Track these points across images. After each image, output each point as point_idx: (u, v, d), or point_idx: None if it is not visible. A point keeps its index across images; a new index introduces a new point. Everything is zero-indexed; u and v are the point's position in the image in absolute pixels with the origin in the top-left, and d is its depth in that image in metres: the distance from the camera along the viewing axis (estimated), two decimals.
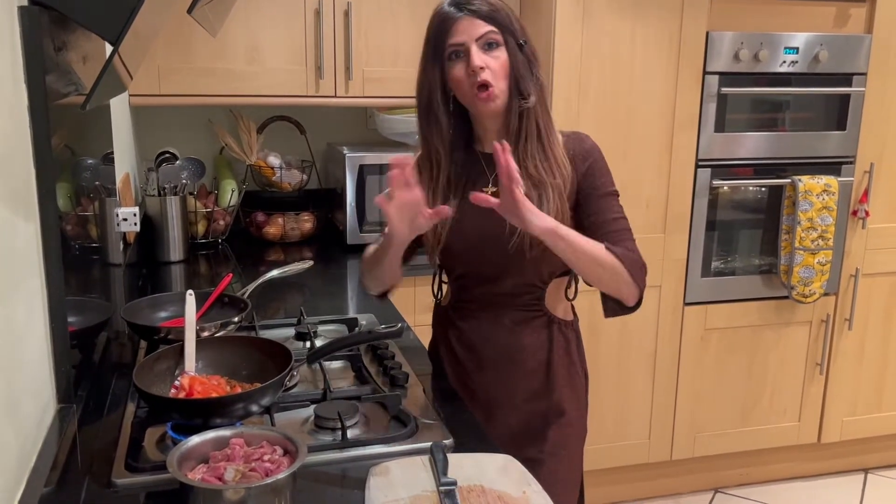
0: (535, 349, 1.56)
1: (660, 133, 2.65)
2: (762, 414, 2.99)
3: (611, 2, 2.51)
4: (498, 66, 1.43)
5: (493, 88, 1.43)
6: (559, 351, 1.57)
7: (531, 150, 1.46)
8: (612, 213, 1.50)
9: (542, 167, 1.46)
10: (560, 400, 1.57)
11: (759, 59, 2.65)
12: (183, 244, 2.55)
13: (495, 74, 1.42)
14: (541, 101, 1.47)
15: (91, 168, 1.62)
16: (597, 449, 2.77)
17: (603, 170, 1.51)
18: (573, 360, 1.60)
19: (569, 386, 1.59)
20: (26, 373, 1.02)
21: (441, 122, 1.50)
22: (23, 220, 1.03)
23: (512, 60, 1.43)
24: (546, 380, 1.57)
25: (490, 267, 1.53)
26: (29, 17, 1.04)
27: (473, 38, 1.42)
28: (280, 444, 1.14)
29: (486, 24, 1.41)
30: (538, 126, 1.46)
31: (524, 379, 1.57)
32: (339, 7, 2.53)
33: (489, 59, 1.42)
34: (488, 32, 1.42)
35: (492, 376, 1.59)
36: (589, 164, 1.50)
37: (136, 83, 2.37)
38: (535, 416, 1.58)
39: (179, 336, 1.53)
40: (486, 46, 1.42)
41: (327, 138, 2.95)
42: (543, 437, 1.56)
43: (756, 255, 2.90)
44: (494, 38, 1.42)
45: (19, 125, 1.03)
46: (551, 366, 1.57)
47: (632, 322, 2.75)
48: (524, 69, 1.44)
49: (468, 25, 1.42)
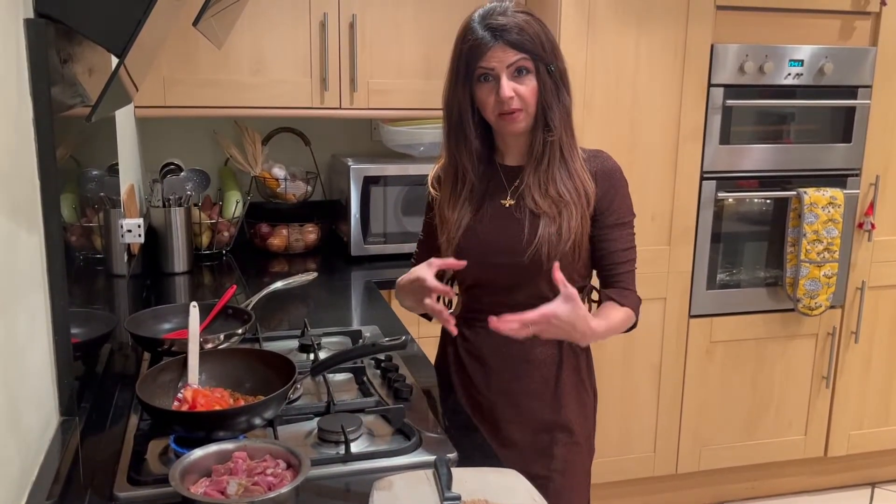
0: (545, 365, 1.56)
1: (665, 145, 2.65)
2: (768, 427, 2.97)
3: (616, 14, 2.52)
4: (527, 92, 1.44)
5: (520, 113, 1.45)
6: (569, 367, 1.56)
7: (552, 173, 1.48)
8: (625, 243, 1.53)
9: (566, 187, 1.48)
10: (568, 417, 1.56)
11: (764, 71, 2.65)
12: (187, 255, 2.55)
13: (524, 100, 1.44)
14: (566, 125, 1.48)
15: (96, 179, 1.62)
16: (601, 462, 2.74)
17: (623, 195, 1.53)
18: (582, 377, 1.59)
19: (577, 403, 1.57)
20: (29, 385, 1.01)
21: (469, 140, 1.51)
22: (26, 232, 1.02)
23: (540, 88, 1.44)
24: (554, 396, 1.56)
25: (503, 278, 1.53)
26: (35, 30, 1.05)
27: (504, 65, 1.42)
28: (283, 457, 1.14)
29: (517, 53, 1.42)
30: (561, 150, 1.48)
31: (532, 394, 1.56)
32: (344, 19, 2.53)
33: (518, 85, 1.43)
34: (519, 60, 1.42)
35: (499, 390, 1.58)
36: (610, 186, 1.51)
37: (142, 95, 2.38)
38: (542, 433, 1.56)
39: (183, 348, 1.53)
40: (517, 73, 1.43)
41: (332, 150, 2.96)
42: (550, 453, 1.55)
43: (761, 268, 2.89)
44: (525, 65, 1.43)
45: (24, 137, 1.03)
46: (560, 382, 1.55)
47: (637, 334, 2.72)
48: (551, 97, 1.45)
49: (500, 53, 1.42)
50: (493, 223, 1.53)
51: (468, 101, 1.48)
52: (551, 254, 1.46)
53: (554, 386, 1.56)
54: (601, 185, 1.51)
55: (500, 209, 1.53)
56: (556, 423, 1.56)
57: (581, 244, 1.50)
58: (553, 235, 1.47)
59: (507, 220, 1.52)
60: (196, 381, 1.37)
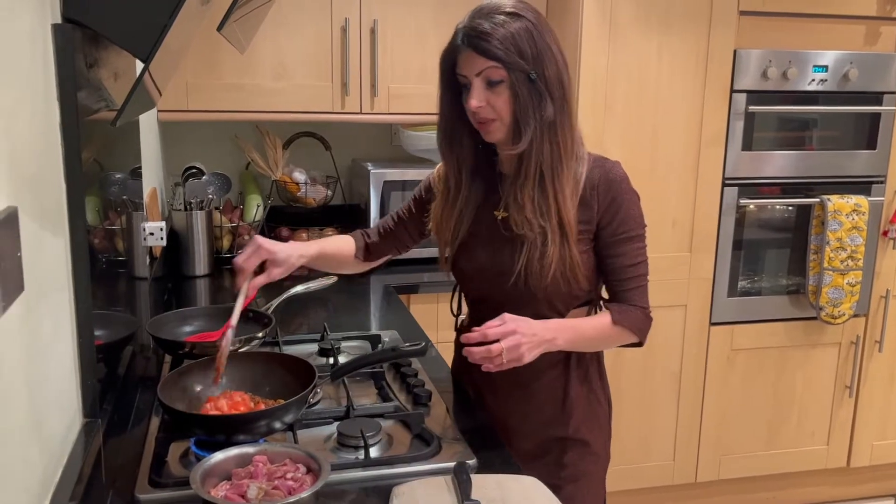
0: (551, 377, 1.52)
1: (686, 151, 2.63)
2: (790, 437, 2.93)
3: (638, 18, 2.51)
4: (499, 103, 1.35)
5: (493, 123, 1.37)
6: (577, 380, 1.53)
7: (528, 192, 1.38)
8: (631, 258, 1.44)
9: (540, 211, 1.38)
10: (578, 428, 1.53)
11: (788, 77, 2.62)
12: (208, 258, 2.57)
13: (497, 110, 1.35)
14: (551, 139, 1.36)
15: (119, 182, 1.63)
16: (620, 470, 2.73)
17: (629, 208, 1.42)
18: (593, 388, 1.55)
19: (588, 414, 1.54)
20: (53, 386, 1.02)
21: (463, 150, 1.46)
22: (52, 235, 1.03)
23: (513, 98, 1.34)
24: (562, 407, 1.53)
25: (501, 296, 1.47)
26: (62, 35, 1.06)
27: (474, 73, 1.34)
28: (303, 461, 1.14)
29: (486, 61, 1.32)
30: (539, 166, 1.37)
31: (539, 406, 1.54)
32: (365, 24, 2.54)
33: (491, 95, 1.34)
34: (488, 69, 1.33)
35: (506, 400, 1.56)
36: (612, 198, 1.41)
37: (165, 99, 2.40)
38: (551, 443, 1.54)
39: (204, 351, 1.54)
40: (488, 83, 1.34)
41: (352, 154, 2.97)
42: (561, 463, 1.53)
43: (784, 275, 2.86)
44: (496, 76, 1.33)
45: (51, 141, 1.04)
46: (568, 394, 1.52)
47: (656, 341, 2.72)
48: (528, 108, 1.34)
49: (469, 59, 1.34)
50: (486, 242, 1.48)
51: (457, 106, 1.41)
52: (536, 286, 1.41)
53: (562, 398, 1.52)
54: (602, 196, 1.41)
55: (492, 224, 1.47)
56: (566, 433, 1.53)
57: (572, 273, 1.41)
58: (535, 264, 1.40)
59: (498, 239, 1.46)
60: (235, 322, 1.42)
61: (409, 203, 1.68)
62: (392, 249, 1.71)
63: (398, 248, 1.71)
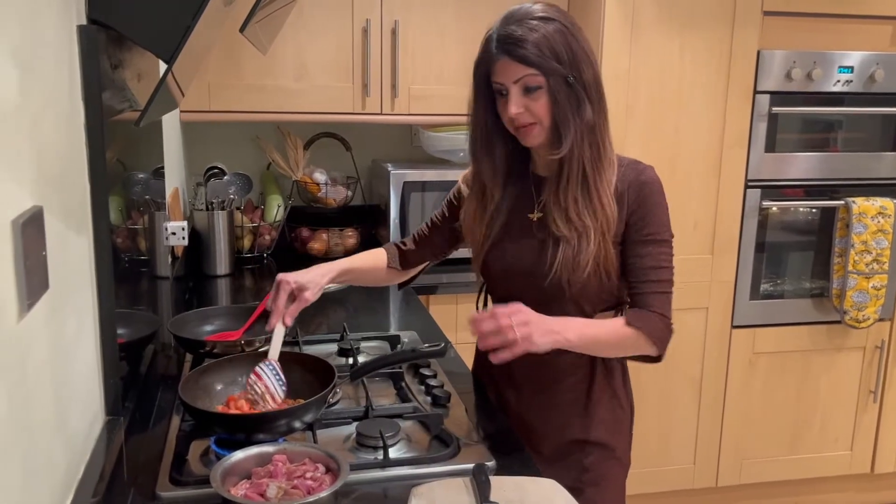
0: (574, 380, 1.52)
1: (708, 152, 2.61)
2: (813, 442, 2.90)
3: (660, 19, 2.49)
4: (538, 108, 1.34)
5: (533, 128, 1.37)
6: (600, 383, 1.52)
7: (572, 193, 1.38)
8: (655, 261, 1.40)
9: (585, 211, 1.38)
10: (599, 431, 1.52)
11: (812, 78, 2.59)
12: (229, 258, 2.58)
13: (536, 115, 1.35)
14: (590, 141, 1.37)
15: (142, 182, 1.65)
16: (640, 473, 2.71)
17: (656, 211, 1.41)
18: (616, 392, 1.54)
19: (610, 418, 1.53)
20: (76, 384, 1.03)
21: (498, 156, 1.45)
22: (76, 234, 1.04)
23: (552, 103, 1.33)
24: (584, 411, 1.52)
25: (528, 298, 1.44)
26: (87, 36, 1.07)
27: (511, 80, 1.33)
28: (322, 461, 1.14)
29: (524, 68, 1.31)
30: (583, 167, 1.37)
31: (561, 408, 1.53)
32: (386, 25, 2.55)
33: (529, 101, 1.34)
34: (526, 76, 1.32)
35: (528, 401, 1.55)
36: (643, 199, 1.40)
37: (187, 99, 2.42)
38: (572, 445, 1.53)
39: (225, 350, 1.55)
40: (526, 90, 1.33)
41: (372, 155, 2.97)
42: (581, 465, 1.52)
43: (807, 279, 2.82)
44: (534, 82, 1.32)
45: (76, 141, 1.06)
46: (591, 398, 1.51)
47: (677, 344, 2.69)
48: (568, 111, 1.33)
49: (506, 67, 1.33)
50: (518, 242, 1.47)
51: (491, 113, 1.40)
52: (571, 280, 1.40)
53: (585, 401, 1.52)
54: (632, 197, 1.40)
55: (526, 225, 1.47)
56: (587, 436, 1.52)
57: (605, 269, 1.41)
58: (570, 261, 1.39)
59: (531, 239, 1.45)
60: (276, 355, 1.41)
61: (443, 208, 1.68)
62: (429, 255, 1.70)
63: (435, 253, 1.70)
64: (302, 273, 1.52)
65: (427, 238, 1.69)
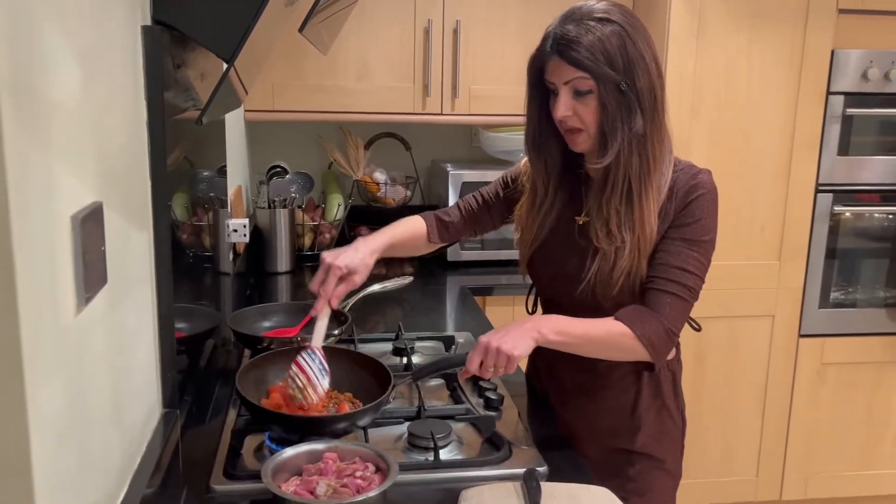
0: (620, 388, 1.48)
1: (777, 155, 2.53)
2: (883, 457, 2.78)
3: (728, 17, 2.42)
4: (586, 113, 1.31)
5: (580, 134, 1.33)
6: (648, 394, 1.47)
7: (615, 205, 1.34)
8: (682, 263, 1.34)
9: (626, 225, 1.34)
10: (646, 442, 1.48)
11: (890, 78, 2.49)
12: (290, 256, 2.62)
13: (583, 121, 1.32)
14: (639, 150, 1.31)
15: (206, 180, 1.68)
16: (699, 483, 2.65)
17: (700, 214, 1.35)
18: (665, 403, 1.49)
19: (658, 429, 1.49)
20: (134, 376, 1.06)
21: (551, 156, 1.42)
22: (137, 230, 1.07)
23: (601, 109, 1.29)
24: (630, 421, 1.48)
25: (570, 301, 1.43)
26: (151, 36, 1.09)
27: (562, 81, 1.30)
28: (372, 461, 1.14)
29: (574, 70, 1.28)
30: (628, 180, 1.32)
31: (605, 416, 1.50)
32: (448, 25, 2.55)
33: (579, 104, 1.30)
34: (576, 79, 1.28)
35: (573, 407, 1.53)
36: (690, 202, 1.35)
37: (251, 98, 2.46)
38: (617, 454, 1.49)
39: (281, 346, 1.57)
40: (576, 92, 1.30)
41: (432, 155, 2.98)
42: (626, 475, 1.47)
43: (881, 287, 2.71)
44: (584, 86, 1.28)
45: (138, 140, 1.08)
46: (637, 407, 1.47)
47: (741, 353, 2.63)
48: (615, 120, 1.28)
49: (557, 68, 1.30)
50: (563, 246, 1.44)
51: (544, 112, 1.37)
52: (605, 294, 1.37)
53: (630, 411, 1.47)
54: (680, 198, 1.35)
55: (572, 228, 1.43)
56: (633, 446, 1.48)
57: (636, 287, 1.37)
58: (605, 275, 1.36)
59: (574, 245, 1.42)
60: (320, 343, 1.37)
61: (497, 187, 1.63)
62: (471, 231, 1.65)
63: (477, 230, 1.65)
64: (350, 254, 1.43)
65: (474, 214, 1.63)
